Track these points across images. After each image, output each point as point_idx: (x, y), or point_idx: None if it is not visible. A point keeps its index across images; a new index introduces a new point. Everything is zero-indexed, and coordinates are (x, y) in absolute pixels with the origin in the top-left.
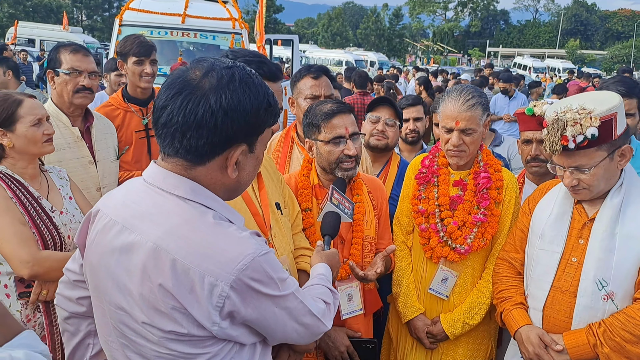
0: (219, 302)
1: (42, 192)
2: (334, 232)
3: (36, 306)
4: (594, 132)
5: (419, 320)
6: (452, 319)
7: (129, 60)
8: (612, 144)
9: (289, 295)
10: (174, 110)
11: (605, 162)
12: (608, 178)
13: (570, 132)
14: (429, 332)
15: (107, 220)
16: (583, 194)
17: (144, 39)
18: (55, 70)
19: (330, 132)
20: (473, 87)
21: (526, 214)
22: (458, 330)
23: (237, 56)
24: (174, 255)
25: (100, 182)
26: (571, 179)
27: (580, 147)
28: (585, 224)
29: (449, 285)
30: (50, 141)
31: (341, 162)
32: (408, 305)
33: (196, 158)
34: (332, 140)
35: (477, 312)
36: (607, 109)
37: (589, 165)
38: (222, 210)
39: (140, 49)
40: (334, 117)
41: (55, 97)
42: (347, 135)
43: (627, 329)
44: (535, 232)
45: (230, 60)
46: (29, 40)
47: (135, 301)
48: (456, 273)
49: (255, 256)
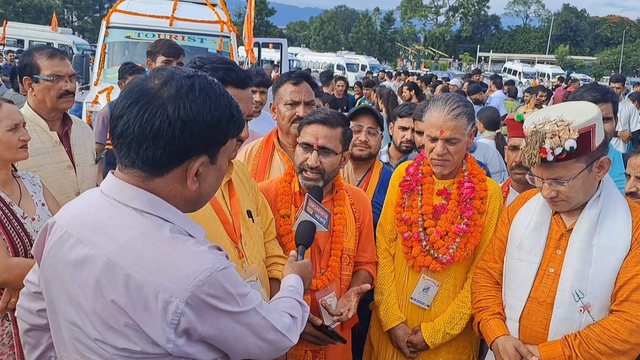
0: (174, 319)
1: (14, 198)
2: (308, 241)
3: (5, 315)
4: (572, 145)
5: (400, 329)
6: (432, 329)
7: (158, 59)
8: (591, 155)
9: (249, 311)
10: (130, 120)
11: (583, 173)
12: (586, 189)
13: (548, 145)
14: (409, 341)
15: (62, 232)
16: (561, 205)
17: (174, 42)
18: (33, 77)
19: (302, 137)
20: (459, 96)
21: (505, 223)
22: (438, 340)
23: (204, 63)
24: (128, 270)
25: (79, 186)
26: (550, 190)
27: (559, 159)
28: (562, 235)
29: (431, 294)
30: (25, 147)
31: (303, 169)
32: (389, 314)
33: (153, 169)
34: (301, 144)
35: (458, 322)
36: (586, 121)
37: (567, 177)
38: (180, 223)
39: (170, 50)
40: (310, 125)
41: (34, 102)
42: (315, 145)
43: (602, 341)
44: (513, 242)
45: (192, 69)
46: (17, 40)
47: (89, 317)
48: (438, 282)
49: (213, 271)
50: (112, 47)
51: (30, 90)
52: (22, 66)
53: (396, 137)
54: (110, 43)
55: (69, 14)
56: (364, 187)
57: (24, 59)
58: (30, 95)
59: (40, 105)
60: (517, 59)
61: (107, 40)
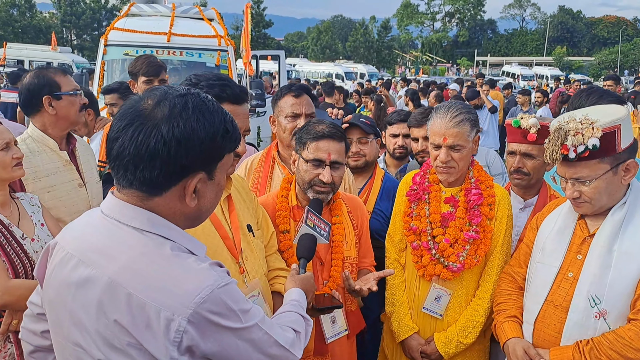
0: (177, 337)
1: (13, 219)
2: (309, 254)
3: (7, 337)
4: (595, 143)
5: (413, 340)
6: (445, 339)
7: (139, 80)
8: (616, 157)
9: (252, 327)
10: (125, 142)
11: (607, 175)
12: (611, 193)
13: (570, 142)
14: (422, 351)
15: (64, 253)
16: (585, 207)
17: (154, 59)
18: (55, 95)
19: (313, 153)
20: (461, 103)
21: (533, 229)
22: (452, 349)
23: (200, 80)
24: (130, 289)
25: (90, 203)
26: (572, 190)
27: (582, 157)
28: (585, 240)
29: (443, 303)
30: (20, 165)
31: (315, 184)
32: (402, 325)
33: (151, 189)
34: (311, 161)
35: (471, 331)
36: (611, 120)
37: (590, 177)
38: (181, 240)
39: (149, 69)
40: (321, 140)
41: (48, 122)
42: (327, 161)
43: (614, 349)
44: (537, 246)
45: (186, 87)
46: (17, 61)
47: (92, 337)
48: (449, 291)
49: (214, 288)
50: (110, 65)
51: (50, 109)
52: (40, 86)
53: (389, 145)
54: (109, 61)
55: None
56: (366, 195)
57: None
58: (41, 115)
59: (60, 123)
60: (515, 62)
61: (105, 58)
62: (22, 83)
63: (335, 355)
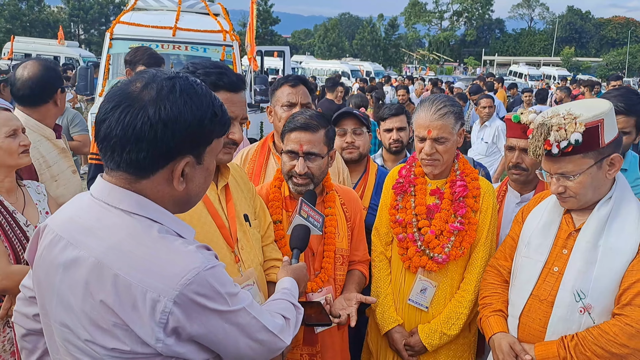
0: (162, 319)
1: (18, 206)
2: (302, 245)
3: (6, 321)
4: (577, 138)
5: (396, 332)
6: (429, 330)
7: (137, 69)
8: (600, 152)
9: (239, 311)
10: (112, 124)
11: (592, 170)
12: (596, 187)
13: (553, 137)
14: (406, 343)
15: (53, 235)
16: (570, 202)
17: (154, 51)
18: (63, 88)
19: (286, 145)
20: (446, 96)
21: (519, 222)
22: (436, 341)
23: (197, 68)
24: (116, 270)
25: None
26: (557, 185)
27: (565, 152)
28: (570, 234)
29: (428, 295)
30: (26, 152)
31: (292, 176)
32: (386, 317)
33: (139, 171)
34: (286, 152)
35: (454, 323)
36: (593, 115)
37: (574, 172)
38: (169, 223)
39: (150, 60)
40: (294, 131)
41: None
42: (300, 152)
43: (599, 344)
44: (523, 240)
45: (175, 71)
46: (25, 55)
47: (78, 318)
48: (435, 283)
49: (201, 270)
50: (116, 59)
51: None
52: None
53: (384, 140)
54: (114, 54)
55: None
56: (362, 190)
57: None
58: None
59: (58, 114)
60: (523, 62)
61: (111, 51)
62: (29, 74)
63: (326, 345)
